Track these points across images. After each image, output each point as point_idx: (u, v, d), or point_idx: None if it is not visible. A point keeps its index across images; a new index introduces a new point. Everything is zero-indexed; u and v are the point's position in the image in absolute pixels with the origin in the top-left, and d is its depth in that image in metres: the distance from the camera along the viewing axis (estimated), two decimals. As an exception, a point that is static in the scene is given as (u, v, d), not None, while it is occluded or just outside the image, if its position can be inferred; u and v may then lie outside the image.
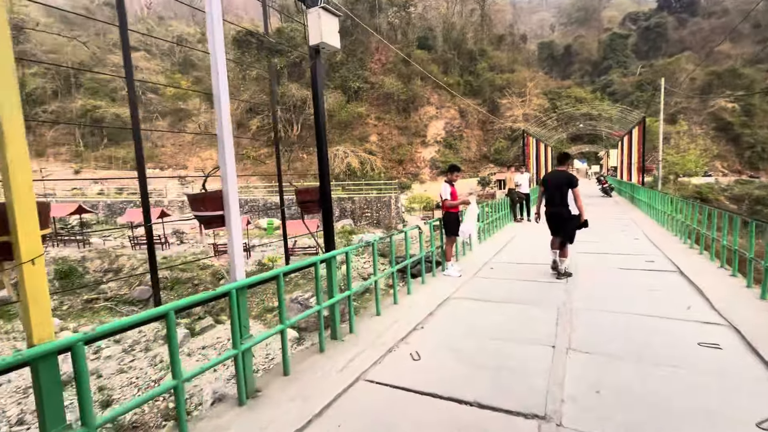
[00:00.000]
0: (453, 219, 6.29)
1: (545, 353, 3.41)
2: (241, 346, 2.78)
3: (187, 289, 15.53)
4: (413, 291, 5.57)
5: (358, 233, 22.67)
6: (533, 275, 6.04)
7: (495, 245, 8.54)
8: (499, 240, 9.17)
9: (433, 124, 47.25)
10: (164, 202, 24.95)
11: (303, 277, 17.14)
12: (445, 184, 6.16)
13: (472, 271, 6.49)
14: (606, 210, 14.66)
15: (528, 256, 7.48)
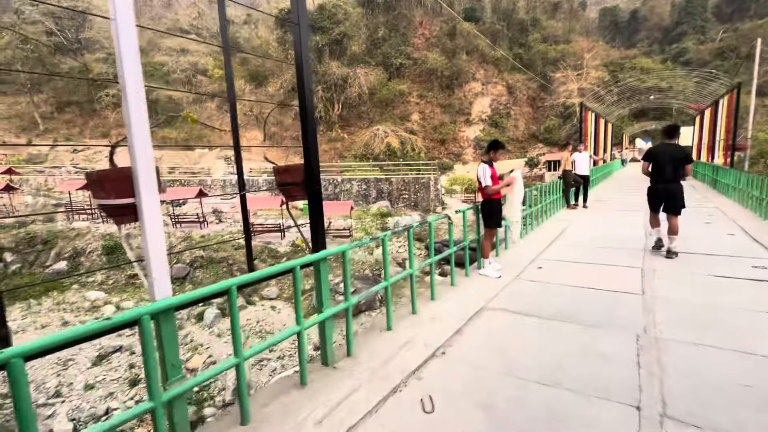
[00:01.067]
0: (495, 208, 5.05)
1: (625, 421, 2.22)
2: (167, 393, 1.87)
3: (222, 268, 15.44)
4: (439, 295, 4.49)
5: (394, 215, 21.67)
6: (595, 279, 4.71)
7: (544, 237, 7.16)
8: (548, 231, 7.74)
9: (478, 101, 44.51)
10: (207, 182, 25.34)
11: (336, 260, 16.50)
12: (484, 166, 4.91)
13: (515, 271, 5.27)
14: (679, 195, 12.47)
15: (586, 252, 6.07)
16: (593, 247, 6.33)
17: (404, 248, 17.65)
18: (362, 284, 13.32)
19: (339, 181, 24.00)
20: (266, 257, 15.98)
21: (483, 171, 4.86)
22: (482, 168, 4.88)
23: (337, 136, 43.55)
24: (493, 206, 5.03)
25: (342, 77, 41.47)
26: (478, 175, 4.94)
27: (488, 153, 5.00)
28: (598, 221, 8.61)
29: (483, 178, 4.85)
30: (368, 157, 36.98)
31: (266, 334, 11.81)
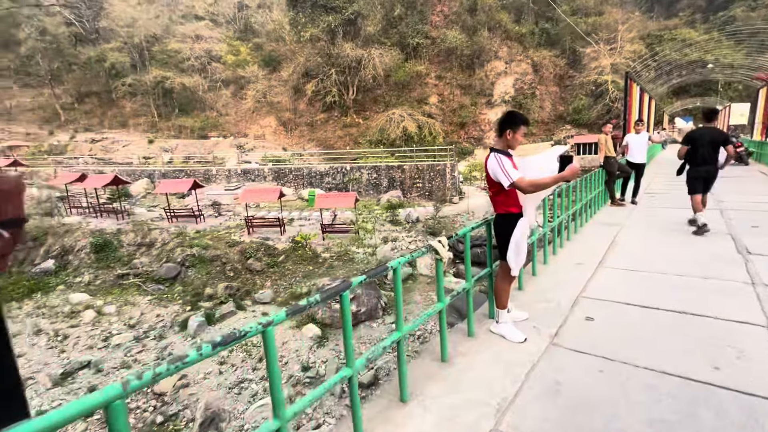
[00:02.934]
0: (514, 229, 3.02)
1: None
2: None
3: (215, 267, 13.99)
4: (417, 389, 2.57)
5: (406, 206, 19.68)
6: (691, 347, 2.67)
7: (586, 253, 5.06)
8: (591, 242, 5.61)
9: (500, 81, 41.23)
10: (212, 171, 24.00)
11: (339, 258, 14.79)
12: (498, 157, 2.84)
13: (548, 324, 3.27)
14: (752, 187, 9.89)
15: (658, 282, 3.97)
16: (668, 272, 4.22)
17: (414, 244, 15.72)
18: (364, 289, 11.53)
19: (348, 170, 22.12)
20: (262, 255, 14.42)
21: (498, 164, 2.80)
22: (495, 160, 2.82)
23: (352, 121, 41.45)
24: (511, 225, 3.01)
25: (356, 59, 39.05)
26: (490, 172, 2.89)
27: (503, 135, 2.93)
28: (658, 225, 6.39)
29: (503, 174, 2.78)
30: (384, 142, 34.84)
31: (252, 348, 10.25)
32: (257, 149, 38.14)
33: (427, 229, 17.20)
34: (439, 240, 2.72)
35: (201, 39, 46.99)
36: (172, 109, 45.26)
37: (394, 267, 2.31)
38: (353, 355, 2.00)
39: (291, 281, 13.54)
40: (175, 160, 34.88)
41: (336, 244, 15.35)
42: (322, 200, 15.28)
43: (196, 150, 38.90)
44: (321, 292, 1.88)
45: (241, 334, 1.45)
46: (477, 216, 18.50)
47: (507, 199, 2.94)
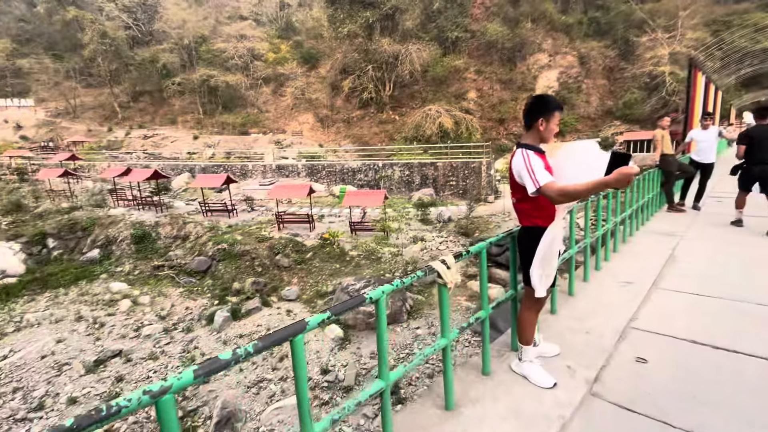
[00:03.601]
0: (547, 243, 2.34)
1: None
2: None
3: (244, 262, 14.06)
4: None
5: (438, 205, 18.94)
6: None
7: (635, 270, 4.24)
8: (643, 256, 4.74)
9: (544, 74, 39.05)
10: (249, 166, 24.43)
11: (367, 256, 14.39)
12: (526, 153, 2.16)
13: (586, 365, 2.60)
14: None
15: (732, 316, 3.13)
16: (746, 300, 3.36)
17: (445, 244, 15.00)
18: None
19: (380, 167, 21.67)
20: (290, 251, 14.32)
21: (524, 163, 2.14)
22: (522, 157, 2.16)
23: (388, 117, 40.98)
24: (534, 240, 2.34)
25: (393, 55, 38.44)
26: (515, 172, 2.23)
27: (533, 125, 2.27)
28: (729, 236, 5.36)
29: (528, 176, 2.12)
30: (419, 139, 34.08)
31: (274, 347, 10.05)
32: (294, 145, 38.66)
33: (459, 230, 16.39)
34: (443, 260, 2.14)
35: (244, 38, 48.30)
36: (216, 106, 46.95)
37: (375, 298, 1.77)
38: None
39: (317, 279, 13.32)
40: (216, 156, 36.10)
41: (364, 242, 14.97)
42: (351, 198, 14.94)
43: (236, 146, 40.08)
44: (260, 341, 1.38)
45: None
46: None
47: (534, 209, 2.30)
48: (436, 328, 10.17)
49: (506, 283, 12.90)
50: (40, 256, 15.05)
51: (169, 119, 47.46)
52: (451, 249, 14.82)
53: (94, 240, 15.49)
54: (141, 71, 48.05)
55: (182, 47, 47.87)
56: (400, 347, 9.69)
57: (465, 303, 11.39)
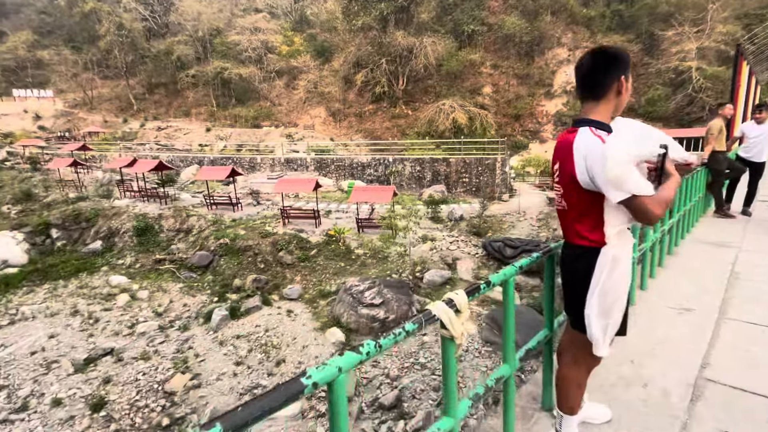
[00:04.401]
0: (614, 279, 1.51)
1: None
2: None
3: (246, 258, 13.50)
4: None
5: (450, 203, 18.08)
6: None
7: (690, 293, 3.39)
8: (695, 273, 3.88)
9: (562, 70, 37.53)
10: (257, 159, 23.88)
11: (374, 255, 13.69)
12: (601, 138, 1.39)
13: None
14: None
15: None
16: None
17: (455, 244, 14.18)
18: (394, 293, 10.33)
19: (390, 162, 20.88)
20: (294, 248, 13.69)
21: (614, 154, 1.33)
22: (596, 144, 1.38)
23: (401, 112, 40.05)
24: (614, 268, 1.53)
25: (407, 48, 37.41)
26: (585, 168, 1.42)
27: (607, 91, 1.50)
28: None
29: (623, 176, 1.32)
30: (432, 134, 33.12)
31: (271, 349, 9.47)
32: (306, 139, 38.12)
33: (471, 229, 15.55)
34: (449, 300, 1.38)
35: (258, 31, 47.78)
36: (229, 98, 46.69)
37: (326, 382, 1.02)
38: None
39: (321, 278, 12.67)
40: (228, 148, 35.79)
41: (370, 240, 14.26)
42: (358, 193, 14.22)
43: (248, 138, 39.74)
44: None
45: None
46: (529, 216, 16.50)
47: (596, 221, 1.52)
48: (444, 336, 9.41)
49: (521, 288, 12.02)
50: (43, 247, 14.77)
51: (183, 111, 47.39)
52: (462, 249, 14.00)
53: (97, 231, 15.14)
54: (156, 63, 48.03)
55: (197, 39, 47.64)
56: (405, 355, 8.97)
57: (476, 308, 10.60)
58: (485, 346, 8.94)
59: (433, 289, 11.73)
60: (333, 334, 9.83)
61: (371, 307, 9.86)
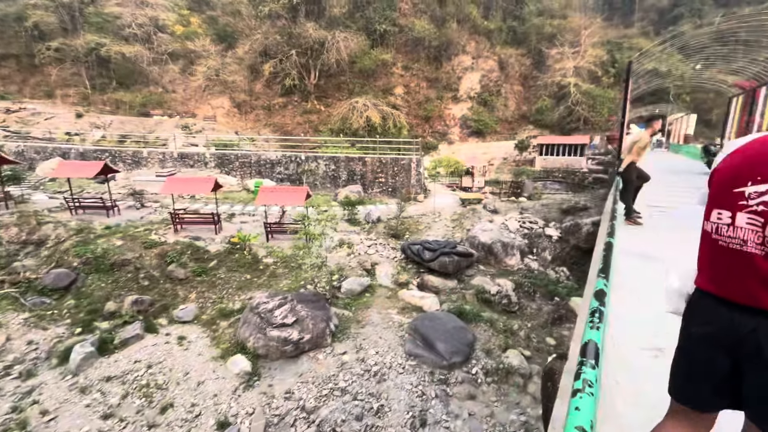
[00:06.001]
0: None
1: None
2: None
3: (124, 274, 10.94)
4: None
5: (367, 203, 17.38)
6: None
7: (651, 328, 3.02)
8: (640, 297, 3.61)
9: (467, 76, 39.74)
10: (143, 153, 20.08)
11: (286, 264, 12.24)
12: None
13: None
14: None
15: None
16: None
17: (374, 248, 13.49)
18: (309, 309, 9.16)
19: (303, 159, 19.38)
20: (188, 260, 11.54)
21: None
22: None
23: (313, 107, 38.29)
24: None
25: (319, 41, 35.80)
26: None
27: None
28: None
29: None
30: (346, 132, 32.18)
31: (155, 392, 7.56)
32: (206, 131, 34.03)
33: (389, 231, 15.05)
34: None
35: (146, 5, 41.26)
36: (109, 81, 39.59)
37: None
38: None
39: (222, 294, 10.84)
40: (106, 139, 30.07)
41: (282, 247, 12.79)
42: (267, 194, 12.57)
43: (135, 128, 34.02)
44: None
45: None
46: (444, 217, 16.62)
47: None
48: (365, 353, 8.57)
49: (439, 290, 11.82)
50: None
51: (45, 92, 38.70)
52: (381, 253, 13.37)
53: None
54: (2, 29, 38.38)
55: (61, 5, 39.26)
56: (323, 380, 7.90)
57: (397, 318, 9.99)
58: (409, 360, 8.33)
59: (352, 299, 10.83)
60: (236, 363, 8.29)
61: (283, 327, 8.56)
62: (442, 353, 8.20)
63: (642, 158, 5.58)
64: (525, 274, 12.40)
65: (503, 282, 11.49)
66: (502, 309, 10.49)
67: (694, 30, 46.21)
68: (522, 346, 8.85)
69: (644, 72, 36.31)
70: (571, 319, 9.69)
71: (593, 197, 18.47)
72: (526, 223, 15.11)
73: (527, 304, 10.81)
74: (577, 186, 24.39)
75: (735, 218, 1.11)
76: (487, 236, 13.39)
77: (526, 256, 13.48)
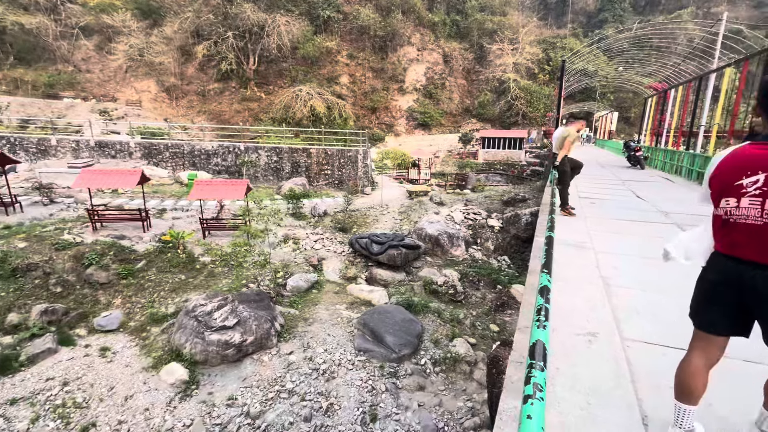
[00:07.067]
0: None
1: None
2: None
3: (30, 281, 9.65)
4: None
5: (312, 197, 17.00)
6: None
7: (583, 314, 3.27)
8: (572, 284, 3.90)
9: (413, 68, 40.25)
10: (51, 141, 17.65)
11: (225, 262, 11.59)
12: None
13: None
14: (672, 193, 9.67)
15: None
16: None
17: (320, 243, 13.25)
18: (252, 309, 8.78)
19: (242, 150, 18.39)
20: (110, 261, 10.47)
21: None
22: None
23: (253, 94, 36.48)
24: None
25: (258, 24, 34.04)
26: None
27: None
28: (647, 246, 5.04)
29: None
30: (288, 122, 31.12)
31: (74, 411, 6.79)
32: (130, 117, 30.98)
33: (336, 225, 14.86)
34: None
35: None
36: (5, 56, 34.46)
37: None
38: None
39: (153, 297, 10.00)
40: (5, 124, 26.18)
41: (220, 244, 12.08)
42: (202, 188, 11.70)
43: (39, 112, 30.06)
44: None
45: None
46: (391, 209, 16.76)
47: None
48: (313, 351, 8.41)
49: (388, 283, 11.94)
50: None
51: None
52: (328, 248, 13.17)
53: None
54: None
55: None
56: (269, 383, 7.63)
57: (346, 313, 9.92)
58: (359, 356, 8.32)
59: (298, 297, 10.56)
60: (171, 372, 7.70)
61: (223, 330, 8.10)
62: (391, 346, 8.28)
63: (571, 152, 6.03)
64: (470, 264, 12.92)
65: (449, 273, 11.87)
66: (449, 299, 10.84)
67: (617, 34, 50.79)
68: (468, 334, 9.23)
69: (575, 71, 39.31)
70: (512, 306, 10.29)
71: (531, 189, 19.70)
72: (470, 215, 15.73)
73: (472, 293, 11.29)
74: (517, 178, 25.89)
75: (740, 202, 1.56)
76: (434, 228, 13.73)
77: (470, 247, 14.05)
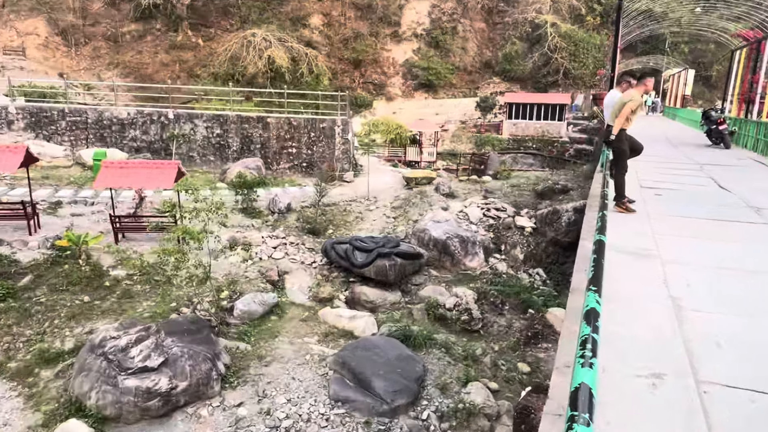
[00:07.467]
0: None
1: None
2: None
3: None
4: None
5: (271, 185, 17.01)
6: None
7: (644, 346, 3.35)
8: (630, 305, 3.99)
9: (411, 5, 40.48)
10: None
11: (147, 277, 11.59)
12: None
13: None
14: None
15: None
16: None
17: (282, 250, 13.30)
18: (186, 342, 8.79)
19: (171, 119, 18.30)
20: (-18, 277, 10.36)
21: None
22: None
23: (186, 41, 36.37)
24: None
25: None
26: None
27: None
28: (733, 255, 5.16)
29: None
30: (238, 79, 31.11)
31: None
32: (9, 71, 30.58)
33: (304, 225, 14.98)
34: None
35: None
36: None
37: None
38: None
39: (44, 326, 9.96)
40: None
41: (143, 251, 12.06)
42: (113, 173, 11.51)
43: None
44: None
45: None
46: (382, 203, 16.86)
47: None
48: (271, 402, 8.44)
49: (377, 307, 12.04)
50: None
51: None
52: (293, 257, 13.25)
53: None
54: None
55: None
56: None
57: (318, 348, 9.97)
58: (335, 408, 8.37)
59: (250, 325, 10.62)
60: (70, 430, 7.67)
61: (144, 373, 8.09)
62: (380, 394, 8.37)
63: (632, 124, 6.10)
64: (490, 279, 13.08)
65: (462, 291, 12.01)
66: (462, 328, 10.97)
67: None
68: (487, 376, 9.36)
69: (637, 12, 39.85)
70: (549, 337, 10.44)
71: (575, 175, 19.96)
72: (491, 211, 15.90)
73: (493, 319, 11.43)
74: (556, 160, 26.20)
75: None
76: (441, 230, 13.87)
77: (491, 255, 14.21)
